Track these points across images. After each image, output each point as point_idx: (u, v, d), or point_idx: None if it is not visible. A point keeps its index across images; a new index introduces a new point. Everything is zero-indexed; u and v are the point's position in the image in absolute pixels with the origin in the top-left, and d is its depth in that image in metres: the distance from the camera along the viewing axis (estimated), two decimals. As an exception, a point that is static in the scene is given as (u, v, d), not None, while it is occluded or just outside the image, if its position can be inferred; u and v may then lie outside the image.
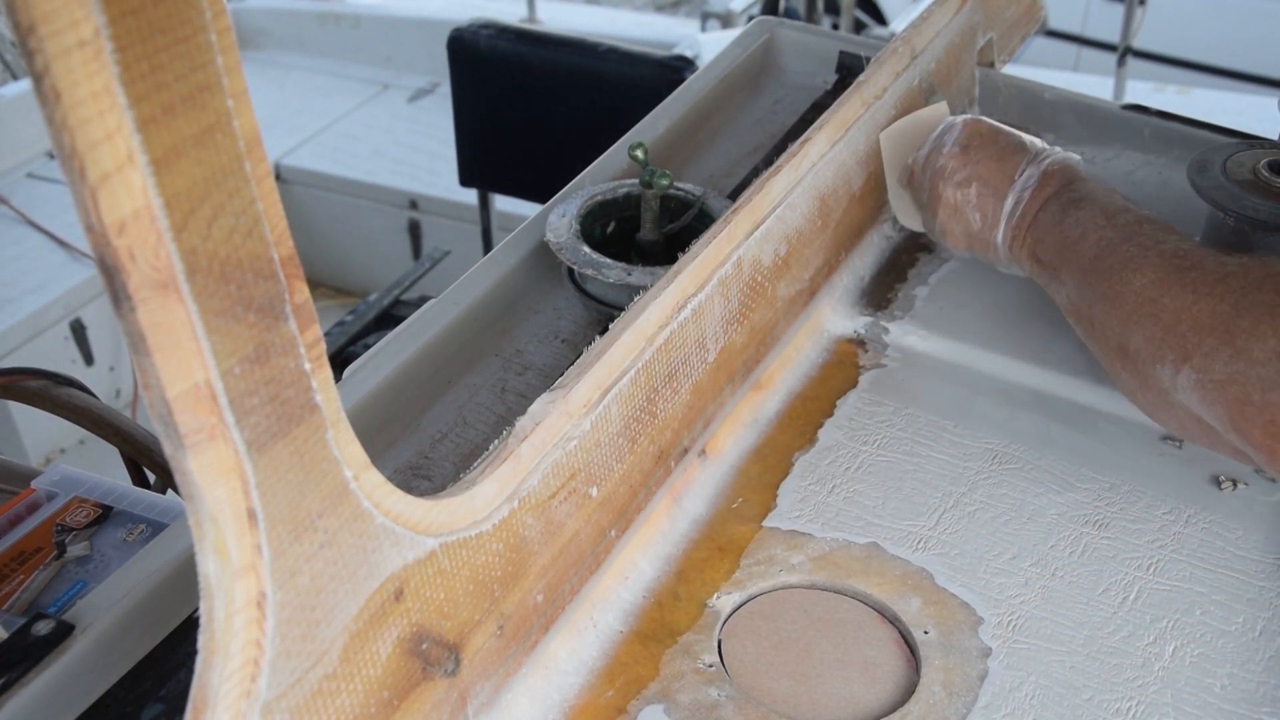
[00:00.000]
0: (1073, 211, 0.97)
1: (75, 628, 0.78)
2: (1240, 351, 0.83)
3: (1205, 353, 0.85)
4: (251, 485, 0.51)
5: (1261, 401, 0.82)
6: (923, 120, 1.16)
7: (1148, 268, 0.90)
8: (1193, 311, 0.86)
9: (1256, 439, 0.83)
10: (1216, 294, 0.85)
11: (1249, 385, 0.82)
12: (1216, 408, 0.84)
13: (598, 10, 4.46)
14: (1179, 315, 0.86)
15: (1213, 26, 4.37)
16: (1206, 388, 0.84)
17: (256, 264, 0.50)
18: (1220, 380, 0.84)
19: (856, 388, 1.04)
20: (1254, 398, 0.82)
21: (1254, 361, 0.82)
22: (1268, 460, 0.84)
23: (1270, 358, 0.82)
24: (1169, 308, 0.87)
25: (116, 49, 0.42)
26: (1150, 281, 0.89)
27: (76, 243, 2.78)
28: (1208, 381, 0.84)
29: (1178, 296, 0.87)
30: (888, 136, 1.14)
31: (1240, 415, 0.83)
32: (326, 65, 3.65)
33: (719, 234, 0.91)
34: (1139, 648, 0.82)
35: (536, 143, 2.31)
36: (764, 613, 0.85)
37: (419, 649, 0.66)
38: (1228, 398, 0.83)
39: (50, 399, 1.24)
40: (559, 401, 0.76)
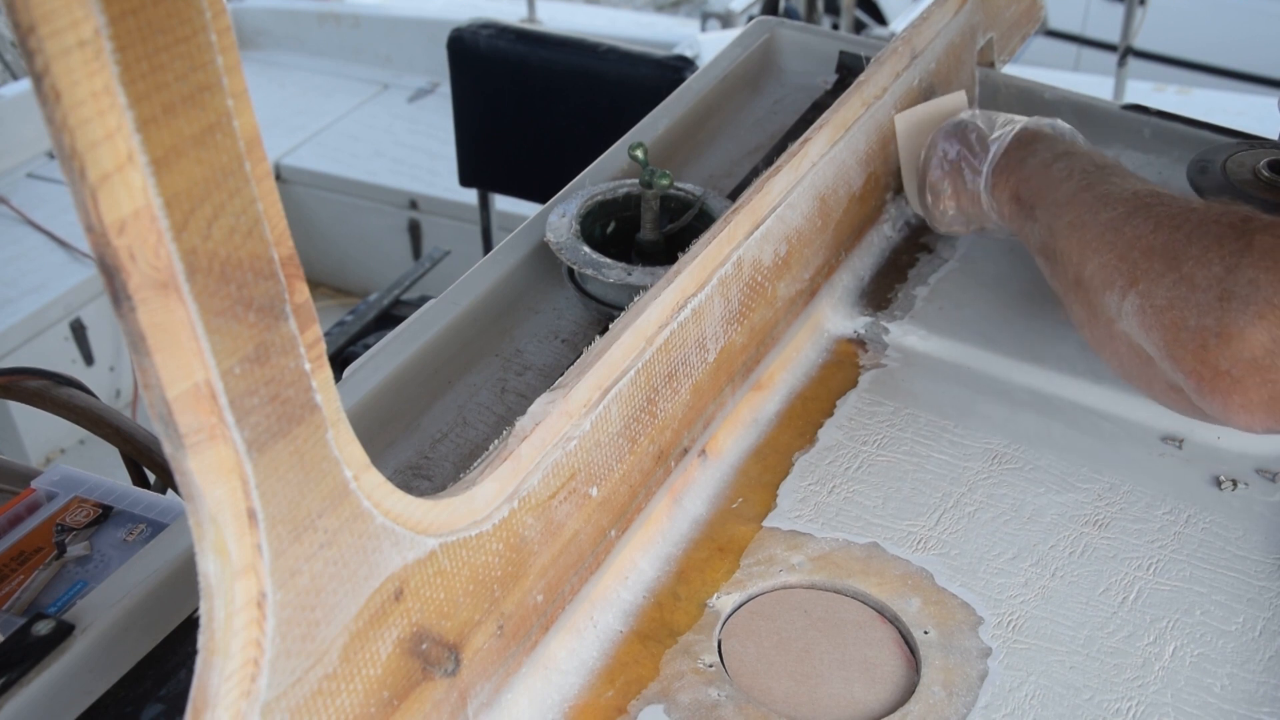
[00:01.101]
0: (1063, 159, 0.99)
1: (75, 628, 0.78)
2: (1184, 277, 0.83)
3: (1152, 278, 0.85)
4: (251, 485, 0.51)
5: (1197, 326, 0.82)
6: (940, 108, 1.17)
7: (1118, 203, 0.91)
8: (1148, 240, 0.87)
9: (1187, 364, 0.83)
10: (1174, 225, 0.86)
11: (1187, 310, 0.82)
12: (1154, 333, 0.85)
13: (598, 10, 4.46)
14: (1134, 243, 0.87)
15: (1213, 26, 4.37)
16: (1147, 313, 0.85)
17: (256, 264, 0.50)
18: (1160, 305, 0.84)
19: (856, 388, 1.04)
20: (1190, 322, 0.82)
21: (1195, 287, 0.82)
22: (1196, 388, 0.84)
23: (1211, 283, 0.82)
24: (1126, 236, 0.88)
25: (116, 49, 0.42)
26: (1116, 215, 0.90)
27: (76, 243, 2.78)
28: (1149, 306, 0.85)
29: (1137, 227, 0.88)
30: (903, 119, 1.16)
31: (1175, 340, 0.83)
32: (326, 65, 3.65)
33: (719, 234, 0.91)
34: (1139, 648, 0.82)
35: (536, 143, 2.31)
36: (764, 613, 0.85)
37: (419, 649, 0.66)
38: (1165, 322, 0.84)
39: (50, 399, 1.24)
40: (559, 401, 0.76)
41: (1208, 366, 0.82)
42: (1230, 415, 0.84)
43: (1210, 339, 0.81)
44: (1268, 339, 0.79)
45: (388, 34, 3.61)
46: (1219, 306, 0.81)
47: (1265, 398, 0.81)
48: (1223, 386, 0.82)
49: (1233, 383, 0.82)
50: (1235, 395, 0.82)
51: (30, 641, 0.77)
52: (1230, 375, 0.82)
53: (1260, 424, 0.83)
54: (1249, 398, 0.81)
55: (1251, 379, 0.81)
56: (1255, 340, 0.80)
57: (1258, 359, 0.80)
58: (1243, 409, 0.82)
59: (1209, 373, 0.82)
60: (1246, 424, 0.84)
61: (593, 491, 0.80)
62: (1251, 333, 0.80)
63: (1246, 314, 0.80)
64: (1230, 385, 0.82)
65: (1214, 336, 0.81)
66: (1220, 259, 0.82)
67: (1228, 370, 0.81)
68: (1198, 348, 0.82)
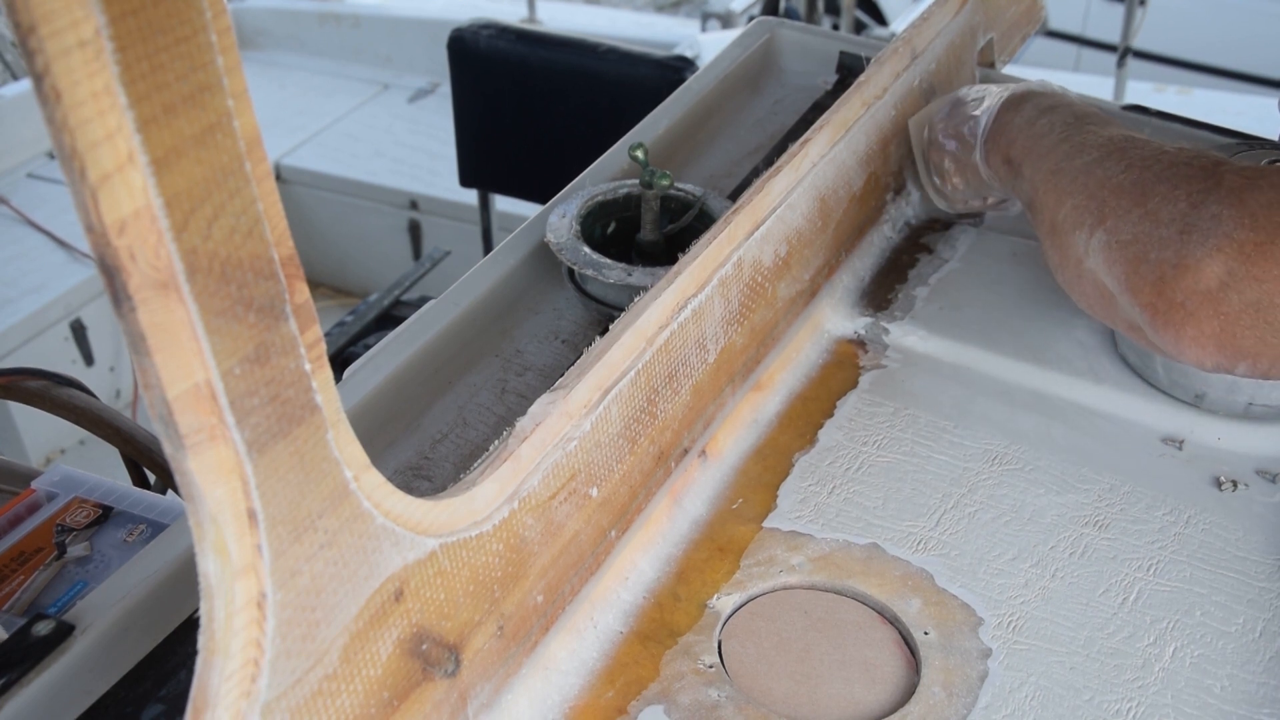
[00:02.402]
0: (1046, 114, 1.01)
1: (75, 628, 0.78)
2: (1150, 213, 0.84)
3: (1119, 215, 0.86)
4: (251, 485, 0.51)
5: (1156, 259, 0.83)
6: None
7: (1093, 149, 0.92)
8: (1118, 179, 0.88)
9: (1144, 297, 0.84)
10: (1144, 165, 0.87)
11: (1148, 244, 0.83)
12: (1116, 268, 0.86)
13: (598, 10, 4.46)
14: (1104, 183, 0.88)
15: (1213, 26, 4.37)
16: (1112, 249, 0.86)
17: (257, 264, 0.50)
18: (1125, 240, 0.85)
19: (857, 388, 1.04)
20: (1150, 256, 0.83)
21: (1159, 222, 0.83)
22: (1150, 321, 0.84)
23: (1174, 219, 0.82)
24: (1097, 176, 0.89)
25: (117, 49, 0.42)
26: (1090, 159, 0.91)
27: (76, 243, 2.78)
28: (1114, 242, 0.86)
29: (1109, 168, 0.89)
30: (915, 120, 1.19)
31: (1134, 273, 0.84)
32: (326, 65, 3.65)
33: (719, 234, 0.91)
34: (1139, 649, 0.82)
35: (536, 143, 2.31)
36: (764, 613, 0.85)
37: (419, 649, 0.66)
38: (1128, 256, 0.85)
39: (50, 399, 1.24)
40: (559, 402, 0.76)
41: (1163, 299, 0.83)
42: (1182, 348, 0.84)
43: (1167, 271, 0.82)
44: (1223, 271, 0.80)
45: (388, 34, 3.61)
46: (1179, 240, 0.82)
47: (1216, 330, 0.82)
48: (1176, 319, 0.83)
49: (1186, 315, 0.82)
50: (1188, 327, 0.82)
51: (30, 641, 0.77)
52: (1184, 308, 0.82)
53: (1210, 358, 0.84)
54: (1201, 330, 0.82)
55: (1204, 311, 0.81)
56: (1210, 272, 0.80)
57: (1211, 291, 0.80)
58: (1194, 342, 0.83)
59: (1164, 305, 0.83)
60: (1197, 358, 0.84)
61: (593, 492, 0.80)
62: (1207, 265, 0.80)
63: (1205, 247, 0.81)
64: (1183, 317, 0.82)
65: (1171, 268, 0.82)
66: (1186, 196, 0.83)
67: (1182, 303, 0.82)
68: (1155, 280, 0.83)
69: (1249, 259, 0.79)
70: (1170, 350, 0.86)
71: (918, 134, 1.19)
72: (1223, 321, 0.81)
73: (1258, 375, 0.86)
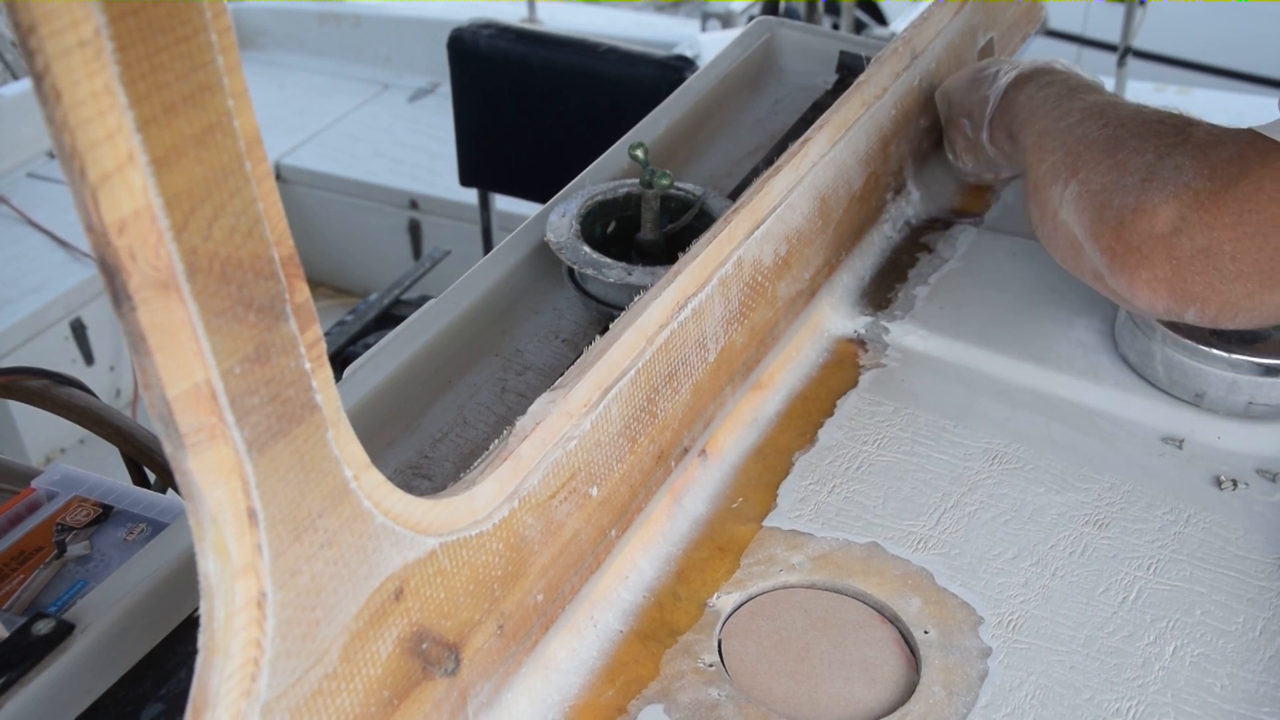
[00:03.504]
0: (1044, 89, 1.04)
1: (75, 627, 0.78)
2: (1119, 164, 0.87)
3: (1090, 166, 0.90)
4: (252, 485, 0.51)
5: (1118, 205, 0.86)
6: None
7: (1076, 112, 0.96)
8: (1094, 135, 0.91)
9: (1104, 240, 0.87)
10: (1120, 123, 0.91)
11: (1114, 192, 0.87)
12: (1084, 215, 0.89)
13: (598, 10, 4.45)
14: (1082, 139, 0.92)
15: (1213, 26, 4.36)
16: (1081, 198, 0.89)
17: (257, 264, 0.50)
18: (1094, 189, 0.88)
19: (857, 388, 1.04)
20: (1114, 202, 0.87)
21: (1126, 171, 0.86)
22: (1108, 265, 0.87)
23: (1141, 169, 0.86)
24: (1077, 134, 0.94)
25: (117, 49, 0.42)
26: (1073, 121, 0.95)
27: (76, 243, 2.78)
28: (1084, 191, 0.89)
29: (1087, 126, 0.94)
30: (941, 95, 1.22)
31: (1098, 219, 0.88)
32: (326, 65, 3.65)
33: (719, 234, 0.91)
34: (1139, 648, 0.82)
35: (536, 143, 2.31)
36: (764, 613, 0.85)
37: (419, 648, 0.66)
38: (1094, 204, 0.88)
39: (50, 399, 1.24)
40: (559, 401, 0.76)
41: (1121, 242, 0.86)
42: (1135, 291, 0.87)
43: (1126, 215, 0.86)
44: (1176, 216, 0.83)
45: (388, 34, 3.61)
46: (1141, 187, 0.85)
47: (1168, 275, 0.85)
48: (1131, 262, 0.86)
49: (1140, 258, 0.85)
50: (1142, 270, 0.86)
51: (30, 641, 0.77)
52: (1139, 251, 0.85)
53: (1161, 302, 0.87)
54: (1154, 273, 0.85)
55: (1158, 255, 0.84)
56: (1164, 216, 0.84)
57: (1164, 235, 0.84)
58: (1147, 285, 0.86)
59: (1121, 248, 0.86)
60: (1149, 301, 0.87)
61: (593, 491, 0.80)
62: (1163, 209, 0.84)
63: (1163, 193, 0.84)
64: (1138, 261, 0.86)
65: (1130, 213, 0.85)
66: (1155, 148, 0.86)
67: (1138, 246, 0.85)
68: (1115, 224, 0.86)
69: (1202, 206, 0.83)
70: (1125, 293, 0.89)
71: (942, 105, 1.22)
72: (1174, 266, 0.84)
73: (1205, 321, 0.89)
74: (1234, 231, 0.82)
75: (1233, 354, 0.97)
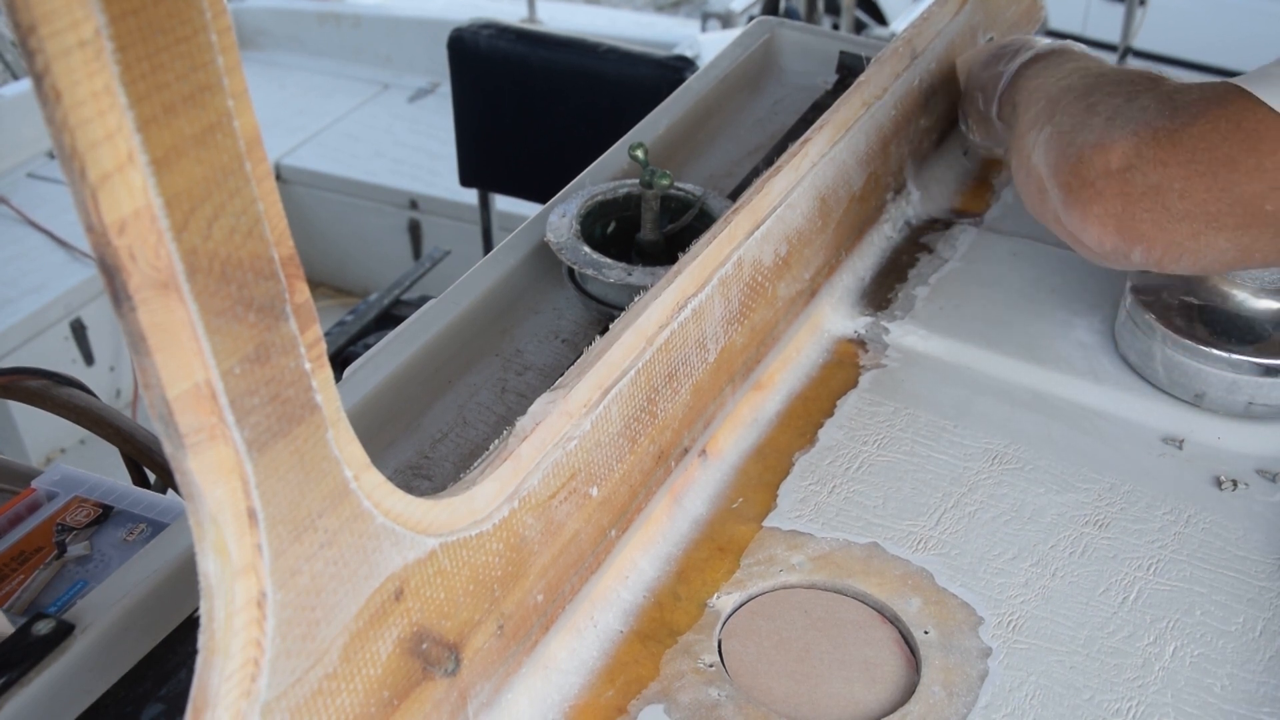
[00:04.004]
0: (1054, 66, 1.04)
1: (75, 628, 0.78)
2: (1090, 106, 0.89)
3: (1066, 110, 0.91)
4: (251, 485, 0.51)
5: (1080, 142, 0.87)
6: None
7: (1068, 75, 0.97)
8: (1075, 88, 0.93)
9: (1062, 176, 0.88)
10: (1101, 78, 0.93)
11: (1078, 132, 0.88)
12: (1050, 154, 0.90)
13: (598, 10, 4.45)
14: (1066, 89, 0.95)
15: (1213, 26, 4.37)
16: (1051, 139, 0.90)
17: (257, 264, 0.50)
18: (1064, 130, 0.89)
19: (857, 388, 1.04)
20: (1076, 139, 0.88)
21: (1094, 114, 0.88)
22: (1063, 200, 0.89)
23: (1109, 110, 0.87)
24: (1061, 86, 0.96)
25: (117, 49, 0.42)
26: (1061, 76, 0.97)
27: (76, 243, 2.78)
28: (1054, 133, 0.90)
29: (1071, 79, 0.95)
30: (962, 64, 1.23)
31: (1061, 156, 0.89)
32: (326, 65, 3.65)
33: (719, 234, 0.91)
34: (1139, 648, 0.82)
35: (536, 143, 2.31)
36: (764, 613, 0.85)
37: (419, 649, 0.66)
38: (1060, 143, 0.90)
39: (50, 399, 1.24)
40: (559, 401, 0.76)
41: (1076, 177, 0.87)
42: (1086, 226, 0.88)
43: (1086, 151, 0.87)
44: (1131, 151, 0.84)
45: (388, 34, 3.61)
46: (1104, 126, 0.86)
47: (1117, 211, 0.85)
48: (1085, 196, 0.87)
49: (1093, 193, 0.86)
50: (1094, 205, 0.87)
51: (30, 641, 0.77)
52: (1093, 186, 0.86)
53: (1110, 239, 0.87)
54: (1105, 209, 0.86)
55: (1110, 190, 0.85)
56: (1119, 151, 0.85)
57: (1118, 170, 0.84)
58: (1097, 220, 0.87)
59: (1076, 183, 0.87)
60: (1098, 238, 0.88)
61: (593, 491, 0.80)
62: (1120, 145, 0.85)
63: (1124, 130, 0.85)
64: (1090, 195, 0.87)
65: (1090, 149, 0.86)
66: (1125, 93, 0.88)
67: (1092, 181, 0.86)
68: (1075, 160, 0.87)
69: (1158, 143, 0.83)
70: (1076, 229, 0.89)
71: (962, 74, 1.23)
72: (1125, 202, 0.85)
73: (1150, 264, 0.89)
74: (1185, 170, 0.83)
75: (1233, 354, 0.97)
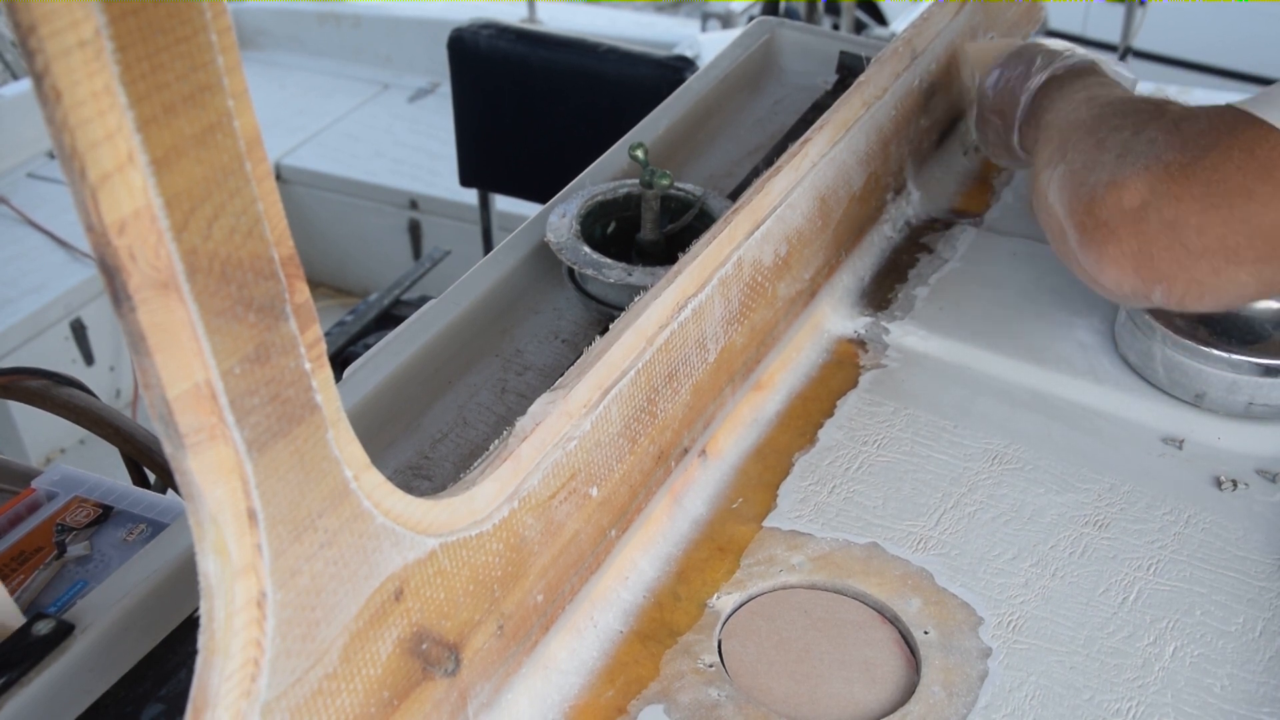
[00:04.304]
0: (1068, 94, 1.03)
1: (75, 628, 0.78)
2: (1099, 142, 0.88)
3: (1076, 147, 0.90)
4: (251, 485, 0.51)
5: (1093, 182, 0.86)
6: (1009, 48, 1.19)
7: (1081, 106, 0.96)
8: (1085, 121, 0.92)
9: (1077, 216, 0.87)
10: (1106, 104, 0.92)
11: (1091, 169, 0.87)
12: (1064, 193, 0.89)
13: (598, 10, 4.45)
14: (1075, 124, 0.93)
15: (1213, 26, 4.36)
16: (1065, 178, 0.89)
17: (257, 264, 0.50)
18: (1076, 169, 0.89)
19: (857, 388, 1.04)
20: (1089, 179, 0.86)
21: (1104, 149, 0.87)
22: (1079, 240, 0.87)
23: (1118, 146, 0.86)
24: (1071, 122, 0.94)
25: (117, 49, 0.42)
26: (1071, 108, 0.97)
27: (76, 243, 2.78)
28: (1067, 172, 0.89)
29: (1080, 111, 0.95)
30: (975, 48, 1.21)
31: (1075, 196, 0.88)
32: (326, 65, 3.65)
33: (719, 234, 0.91)
34: (1139, 648, 0.82)
35: (536, 143, 2.31)
36: (764, 613, 0.85)
37: (419, 649, 0.66)
38: (1073, 183, 0.88)
39: (50, 399, 1.24)
40: (559, 402, 0.76)
41: (1091, 217, 0.86)
42: (1103, 267, 0.87)
43: (1099, 190, 0.85)
44: (1146, 190, 0.83)
45: (388, 34, 3.61)
46: (1115, 163, 0.85)
47: (1134, 250, 0.84)
48: (1100, 237, 0.86)
49: (1108, 233, 0.85)
50: (1109, 246, 0.85)
51: (30, 641, 0.77)
52: (1108, 225, 0.85)
53: (1128, 280, 0.86)
54: (1121, 249, 0.85)
55: (1125, 229, 0.84)
56: (1133, 189, 0.83)
57: (1134, 209, 0.83)
58: (1114, 262, 0.85)
59: (1091, 223, 0.86)
60: (1116, 279, 0.87)
61: (593, 491, 0.80)
62: (1133, 183, 0.83)
63: (1135, 166, 0.83)
64: (1106, 235, 0.85)
65: (1103, 187, 0.85)
66: (1132, 125, 0.87)
67: (1106, 220, 0.85)
68: (1088, 200, 0.86)
69: (1171, 178, 0.82)
70: (1093, 271, 0.88)
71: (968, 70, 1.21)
72: (1141, 241, 0.84)
73: (1172, 303, 0.88)
74: (1200, 204, 0.81)
75: (1233, 354, 0.97)
